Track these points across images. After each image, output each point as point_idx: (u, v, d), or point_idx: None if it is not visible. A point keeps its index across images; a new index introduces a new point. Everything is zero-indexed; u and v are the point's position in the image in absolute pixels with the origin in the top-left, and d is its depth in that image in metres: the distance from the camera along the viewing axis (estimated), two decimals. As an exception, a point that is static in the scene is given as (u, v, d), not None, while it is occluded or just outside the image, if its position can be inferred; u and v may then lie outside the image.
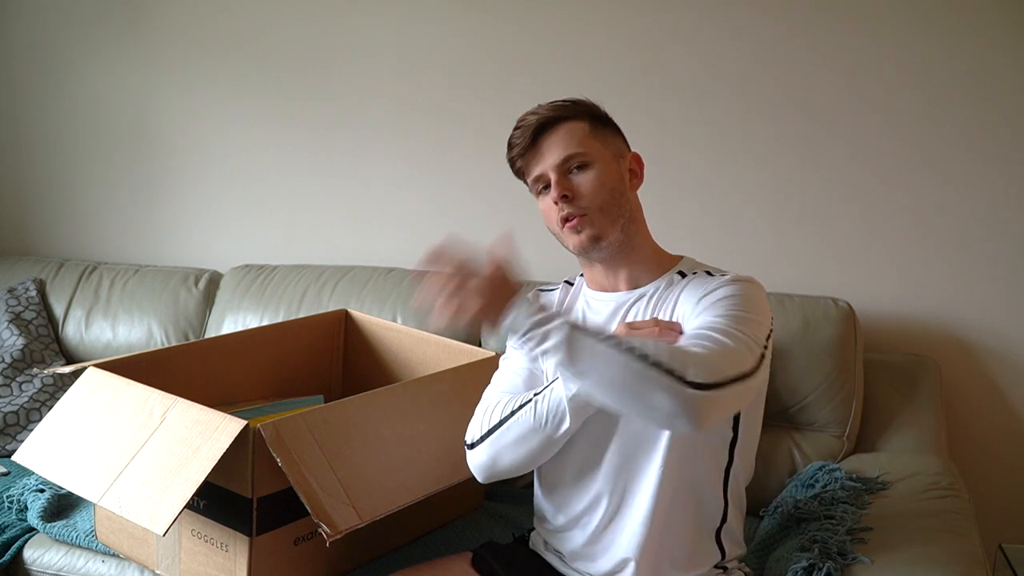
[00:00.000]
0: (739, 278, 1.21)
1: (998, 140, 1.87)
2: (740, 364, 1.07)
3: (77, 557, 1.62)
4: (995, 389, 1.95)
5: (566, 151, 1.23)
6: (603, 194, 1.22)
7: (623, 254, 1.26)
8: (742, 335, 1.10)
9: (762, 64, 1.98)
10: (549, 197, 1.24)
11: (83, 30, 2.52)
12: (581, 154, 1.23)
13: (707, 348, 1.07)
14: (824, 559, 1.28)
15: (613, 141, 1.28)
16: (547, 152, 1.23)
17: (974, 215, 1.91)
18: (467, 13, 2.18)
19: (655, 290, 1.26)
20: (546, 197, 1.25)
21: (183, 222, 2.54)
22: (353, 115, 2.32)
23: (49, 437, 1.45)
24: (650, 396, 1.01)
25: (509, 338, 1.10)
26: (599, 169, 1.23)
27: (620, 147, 1.29)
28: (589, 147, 1.23)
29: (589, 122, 1.25)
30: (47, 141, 2.62)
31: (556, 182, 1.22)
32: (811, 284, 1.97)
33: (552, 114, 1.24)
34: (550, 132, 1.24)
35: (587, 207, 1.22)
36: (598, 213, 1.22)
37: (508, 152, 1.27)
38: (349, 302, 2.10)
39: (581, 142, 1.23)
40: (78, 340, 2.34)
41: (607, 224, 1.23)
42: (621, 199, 1.24)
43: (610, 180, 1.23)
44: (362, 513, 1.28)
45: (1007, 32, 1.83)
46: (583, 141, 1.23)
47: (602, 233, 1.23)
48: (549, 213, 1.25)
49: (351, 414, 1.39)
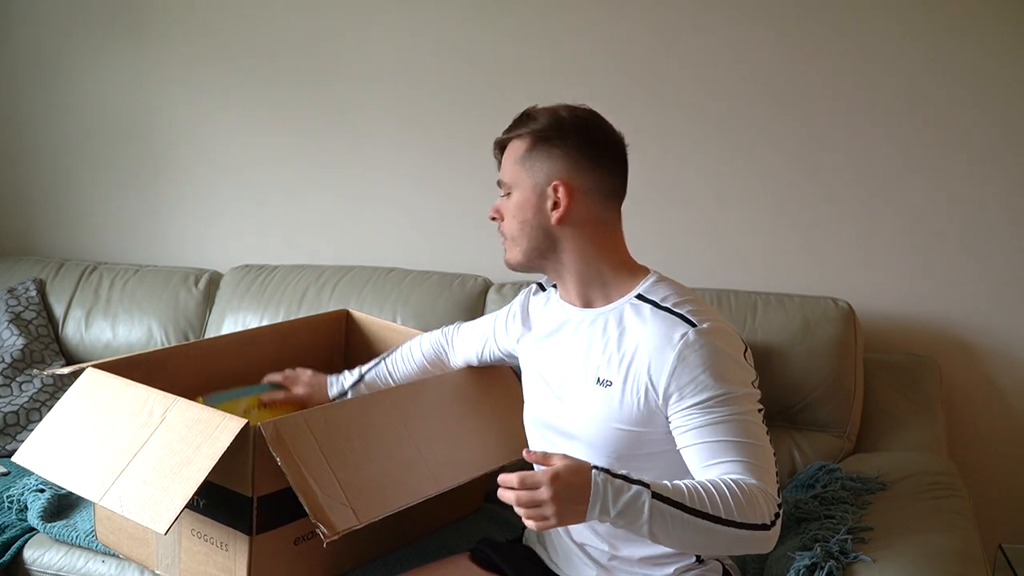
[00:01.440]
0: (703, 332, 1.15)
1: (998, 140, 1.88)
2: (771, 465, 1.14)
3: (77, 557, 1.62)
4: (995, 389, 1.95)
5: (500, 174, 1.29)
6: (513, 225, 1.27)
7: (568, 278, 1.28)
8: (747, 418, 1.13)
9: (761, 66, 1.98)
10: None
11: (84, 32, 2.52)
12: (505, 183, 1.28)
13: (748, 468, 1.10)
14: (826, 558, 1.28)
15: (541, 168, 1.23)
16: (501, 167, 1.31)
17: (974, 215, 1.91)
18: (467, 17, 2.18)
19: (609, 317, 1.24)
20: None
21: (183, 222, 2.54)
22: (353, 115, 2.32)
23: (49, 437, 1.45)
24: (739, 547, 1.10)
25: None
26: (515, 200, 1.26)
27: (547, 175, 1.23)
28: (513, 176, 1.26)
29: (530, 142, 1.25)
30: (47, 141, 2.62)
31: (496, 203, 1.30)
32: (811, 284, 1.97)
33: (511, 130, 1.28)
34: (505, 151, 1.30)
35: (504, 231, 1.29)
36: (509, 240, 1.29)
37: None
38: (349, 302, 2.10)
39: (509, 169, 1.27)
40: (78, 340, 2.34)
41: (515, 251, 1.28)
42: (532, 231, 1.25)
43: (520, 212, 1.26)
44: (360, 515, 1.28)
45: (1005, 34, 1.84)
46: (510, 168, 1.27)
47: (510, 258, 1.29)
48: None
49: (352, 415, 1.39)
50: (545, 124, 1.24)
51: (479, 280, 2.11)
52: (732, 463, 1.11)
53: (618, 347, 1.21)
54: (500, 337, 1.49)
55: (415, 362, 1.63)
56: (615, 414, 1.20)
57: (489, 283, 2.11)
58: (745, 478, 1.09)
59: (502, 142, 1.30)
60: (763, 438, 1.14)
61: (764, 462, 1.12)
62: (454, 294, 2.07)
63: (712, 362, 1.14)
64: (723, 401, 1.13)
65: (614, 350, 1.21)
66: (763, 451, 1.13)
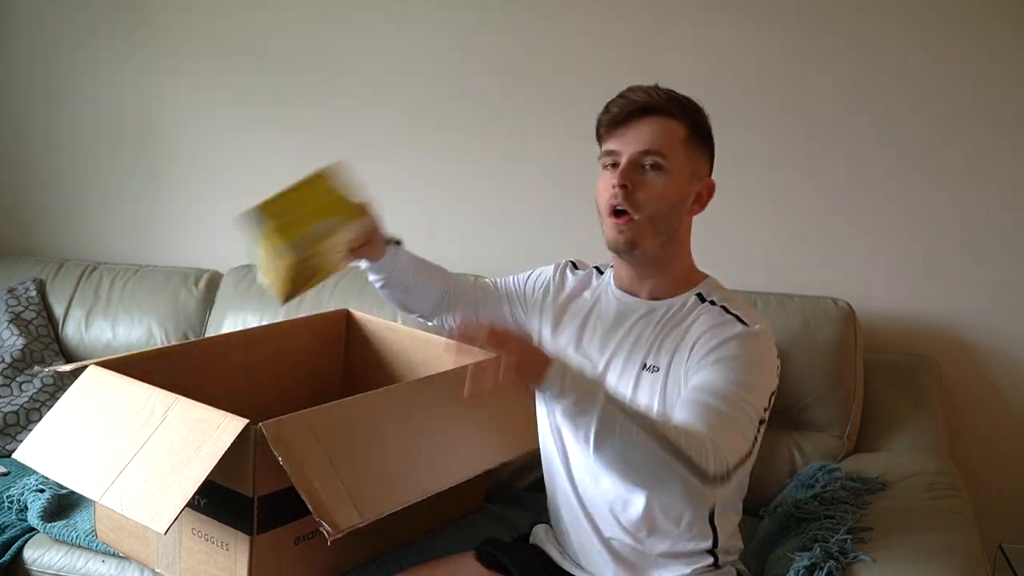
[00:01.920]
0: (752, 333, 1.18)
1: (997, 140, 1.88)
2: (740, 447, 1.10)
3: (77, 557, 1.62)
4: (995, 389, 1.95)
5: (650, 144, 1.18)
6: (660, 206, 1.19)
7: (654, 266, 1.25)
8: (746, 405, 1.12)
9: (760, 65, 1.99)
10: (611, 177, 1.20)
11: (84, 32, 2.52)
12: (661, 156, 1.18)
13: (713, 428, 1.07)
14: (826, 558, 1.28)
15: (699, 160, 1.24)
16: (634, 134, 1.19)
17: (974, 215, 1.91)
18: (466, 18, 2.18)
19: (669, 308, 1.26)
20: (608, 174, 1.21)
21: (183, 222, 2.54)
22: (353, 116, 2.32)
23: (50, 435, 1.45)
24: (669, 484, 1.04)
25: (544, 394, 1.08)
26: (670, 179, 1.19)
27: (702, 169, 1.25)
28: (673, 154, 1.19)
29: (689, 129, 1.21)
30: (47, 141, 2.62)
31: (623, 170, 1.18)
32: (811, 284, 1.97)
33: (660, 103, 1.19)
34: (647, 119, 1.19)
35: (639, 209, 1.18)
36: (646, 222, 1.19)
37: (601, 113, 1.23)
38: (349, 302, 2.10)
39: (669, 144, 1.19)
40: (78, 340, 2.34)
41: (649, 236, 1.20)
42: (674, 218, 1.22)
43: (675, 195, 1.20)
44: (364, 512, 1.28)
45: (1004, 35, 1.84)
46: (671, 144, 1.19)
47: (640, 242, 1.20)
48: (603, 191, 1.22)
49: (353, 414, 1.39)
50: (702, 120, 1.24)
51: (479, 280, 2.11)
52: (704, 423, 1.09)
53: (669, 335, 1.22)
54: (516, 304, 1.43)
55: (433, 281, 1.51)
56: (658, 398, 1.20)
57: (489, 283, 2.11)
58: (713, 433, 1.07)
59: (655, 108, 1.19)
60: (750, 430, 1.13)
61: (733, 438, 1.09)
62: (454, 294, 2.07)
63: (747, 355, 1.16)
64: (738, 382, 1.13)
65: (665, 338, 1.22)
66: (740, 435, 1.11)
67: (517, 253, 2.19)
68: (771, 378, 1.20)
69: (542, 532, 1.41)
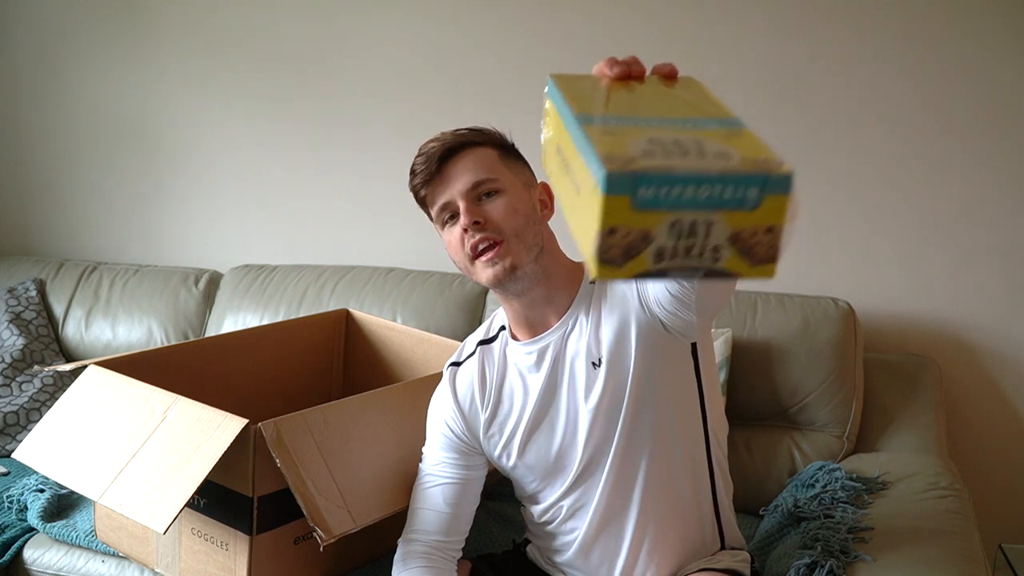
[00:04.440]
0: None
1: (998, 140, 1.88)
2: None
3: (77, 557, 1.62)
4: (995, 389, 1.95)
5: (475, 176, 1.16)
6: (517, 220, 1.15)
7: (541, 286, 1.19)
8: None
9: (761, 64, 1.99)
10: (457, 227, 1.16)
11: (83, 31, 2.52)
12: (491, 180, 1.16)
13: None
14: (826, 557, 1.28)
15: (522, 171, 1.22)
16: (454, 178, 1.17)
17: (974, 215, 1.91)
18: (468, 13, 2.18)
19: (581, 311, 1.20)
20: (453, 228, 1.17)
21: (183, 222, 2.54)
22: (353, 115, 2.32)
23: (50, 435, 1.45)
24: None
25: None
26: (509, 195, 1.16)
27: (529, 177, 1.23)
28: (499, 173, 1.17)
29: (497, 150, 1.20)
30: (47, 141, 2.62)
31: (466, 209, 1.15)
32: (811, 284, 1.97)
33: (457, 141, 1.19)
34: (456, 158, 1.17)
35: (501, 232, 1.14)
36: (514, 239, 1.14)
37: (411, 180, 1.21)
38: (349, 302, 2.10)
39: (490, 168, 1.17)
40: (78, 340, 2.34)
41: (522, 252, 1.15)
42: (535, 227, 1.18)
43: (523, 207, 1.17)
44: (357, 518, 1.28)
45: (1006, 35, 1.84)
46: (492, 167, 1.17)
47: (518, 261, 1.14)
48: (456, 246, 1.17)
49: (352, 414, 1.39)
50: (502, 139, 1.23)
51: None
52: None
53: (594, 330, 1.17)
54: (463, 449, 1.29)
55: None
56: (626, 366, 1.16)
57: (489, 283, 2.11)
58: None
59: (457, 147, 1.18)
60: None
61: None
62: (454, 294, 2.07)
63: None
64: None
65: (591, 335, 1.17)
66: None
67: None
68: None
69: (537, 555, 1.38)
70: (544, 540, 1.32)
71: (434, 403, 1.33)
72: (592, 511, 1.22)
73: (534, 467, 1.25)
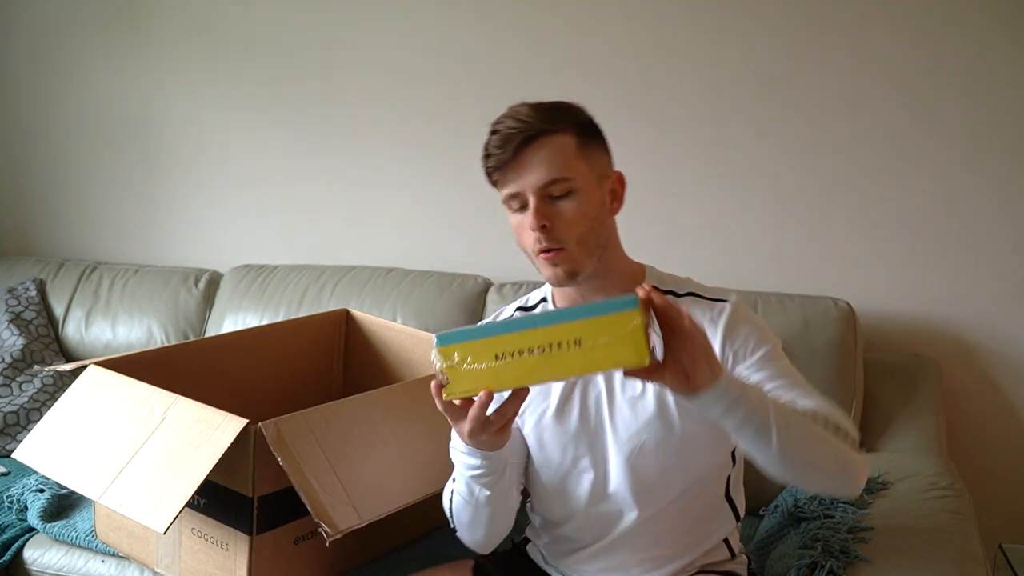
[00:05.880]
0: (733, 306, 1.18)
1: (997, 140, 1.88)
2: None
3: (77, 557, 1.62)
4: (995, 389, 1.95)
5: (550, 174, 1.11)
6: (584, 225, 1.13)
7: (597, 281, 1.19)
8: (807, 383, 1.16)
9: (760, 66, 1.98)
10: (523, 216, 1.14)
11: (84, 32, 2.52)
12: (565, 179, 1.12)
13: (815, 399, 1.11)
14: (827, 557, 1.28)
15: (599, 160, 1.17)
16: (529, 170, 1.11)
17: (974, 215, 1.91)
18: (463, 18, 2.18)
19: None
20: (519, 215, 1.15)
21: (183, 222, 2.54)
22: (353, 116, 2.32)
23: (50, 435, 1.45)
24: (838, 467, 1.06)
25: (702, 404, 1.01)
26: (582, 197, 1.13)
27: (605, 166, 1.18)
28: (575, 171, 1.12)
29: (577, 137, 1.14)
30: (48, 142, 2.62)
31: (535, 209, 1.11)
32: (811, 284, 1.97)
33: (538, 125, 1.12)
34: (534, 146, 1.11)
35: (565, 240, 1.12)
36: (576, 246, 1.13)
37: (485, 160, 1.15)
38: (349, 302, 2.10)
39: (567, 164, 1.12)
40: (78, 340, 2.34)
41: (584, 258, 1.14)
42: (600, 228, 1.16)
43: (592, 209, 1.14)
44: (362, 513, 1.28)
45: (1005, 36, 1.84)
46: (569, 163, 1.12)
47: (579, 268, 1.14)
48: (522, 232, 1.16)
49: (352, 414, 1.39)
50: (584, 117, 1.17)
51: (479, 280, 2.11)
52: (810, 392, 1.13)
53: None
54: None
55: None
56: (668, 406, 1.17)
57: (489, 283, 2.11)
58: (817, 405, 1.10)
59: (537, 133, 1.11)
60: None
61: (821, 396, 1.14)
62: (454, 294, 2.08)
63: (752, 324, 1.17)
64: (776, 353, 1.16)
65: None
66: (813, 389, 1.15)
67: (519, 251, 2.19)
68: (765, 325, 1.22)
69: (538, 555, 1.38)
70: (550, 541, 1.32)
71: None
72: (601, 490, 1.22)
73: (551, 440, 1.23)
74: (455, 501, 1.22)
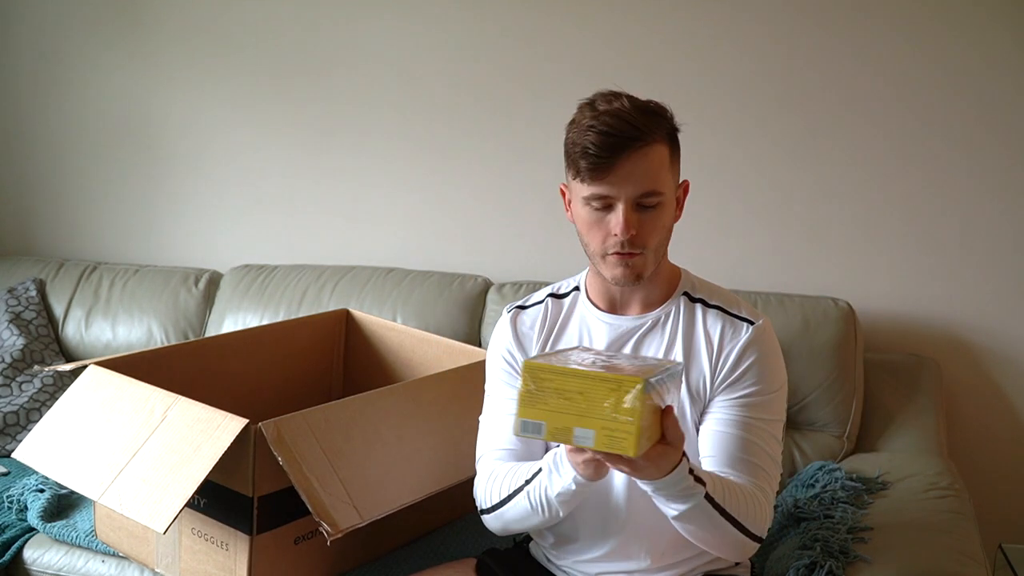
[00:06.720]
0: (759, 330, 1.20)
1: (998, 141, 1.88)
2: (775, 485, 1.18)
3: (77, 557, 1.62)
4: (995, 389, 1.95)
5: (645, 187, 1.12)
6: (661, 234, 1.17)
7: (647, 281, 1.21)
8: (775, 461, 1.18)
9: (761, 67, 1.99)
10: (604, 216, 1.14)
11: (84, 32, 2.52)
12: (657, 193, 1.13)
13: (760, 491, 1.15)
14: (826, 557, 1.28)
15: (678, 166, 1.19)
16: (627, 179, 1.11)
17: (974, 215, 1.91)
18: (465, 16, 2.18)
19: (664, 317, 1.23)
20: (599, 212, 1.14)
21: (183, 222, 2.54)
22: (353, 115, 2.32)
23: (50, 434, 1.45)
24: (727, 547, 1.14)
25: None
26: (665, 208, 1.16)
27: (678, 171, 1.20)
28: (665, 184, 1.14)
29: (668, 146, 1.15)
30: (48, 141, 2.62)
31: (627, 218, 1.12)
32: (811, 284, 1.97)
33: (640, 132, 1.10)
34: (635, 156, 1.10)
35: (645, 247, 1.15)
36: (651, 253, 1.16)
37: (579, 153, 1.12)
38: (349, 302, 2.10)
39: (660, 177, 1.13)
40: (78, 340, 2.34)
41: (653, 263, 1.18)
42: (669, 236, 1.20)
43: (670, 219, 1.18)
44: (363, 512, 1.28)
45: (1005, 37, 1.84)
46: (662, 176, 1.13)
47: (647, 272, 1.17)
48: (595, 229, 1.16)
49: (352, 414, 1.39)
50: (673, 124, 1.17)
51: (479, 280, 2.11)
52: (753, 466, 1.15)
53: (679, 346, 1.21)
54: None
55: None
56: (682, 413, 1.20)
57: (489, 283, 2.11)
58: (766, 493, 1.15)
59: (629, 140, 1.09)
60: (778, 451, 1.19)
61: (775, 477, 1.18)
62: (454, 294, 2.08)
63: (765, 359, 1.19)
64: (762, 402, 1.17)
65: (676, 349, 1.21)
66: (776, 465, 1.19)
67: (520, 251, 2.20)
68: (784, 368, 1.23)
69: (540, 551, 1.37)
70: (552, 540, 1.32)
71: (492, 345, 1.34)
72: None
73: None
74: (518, 504, 1.19)
